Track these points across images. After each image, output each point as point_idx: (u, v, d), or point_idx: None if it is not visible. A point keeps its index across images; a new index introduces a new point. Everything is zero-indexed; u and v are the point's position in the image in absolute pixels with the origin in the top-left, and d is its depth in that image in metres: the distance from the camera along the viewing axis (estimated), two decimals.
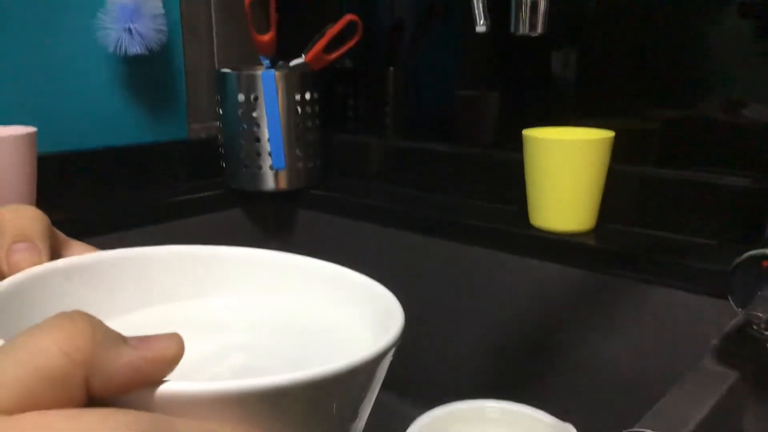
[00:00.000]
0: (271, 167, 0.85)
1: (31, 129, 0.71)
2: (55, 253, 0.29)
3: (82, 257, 0.29)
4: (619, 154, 0.65)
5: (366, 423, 0.27)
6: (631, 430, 0.40)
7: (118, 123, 0.89)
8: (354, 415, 0.25)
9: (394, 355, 0.25)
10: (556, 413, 0.55)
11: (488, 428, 0.56)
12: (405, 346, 0.25)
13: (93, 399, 0.19)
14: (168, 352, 0.20)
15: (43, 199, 0.72)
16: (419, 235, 0.76)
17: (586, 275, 0.63)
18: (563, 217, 0.65)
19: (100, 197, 0.83)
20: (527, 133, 0.66)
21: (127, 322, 0.29)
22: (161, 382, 0.20)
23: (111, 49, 0.84)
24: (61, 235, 0.31)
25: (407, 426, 0.54)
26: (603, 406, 0.62)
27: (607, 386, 0.62)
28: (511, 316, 0.69)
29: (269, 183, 0.86)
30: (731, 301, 0.46)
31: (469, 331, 0.72)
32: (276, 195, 0.87)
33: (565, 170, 0.63)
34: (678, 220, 0.64)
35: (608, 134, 0.64)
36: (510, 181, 0.73)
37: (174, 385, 0.20)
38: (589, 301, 0.63)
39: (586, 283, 0.63)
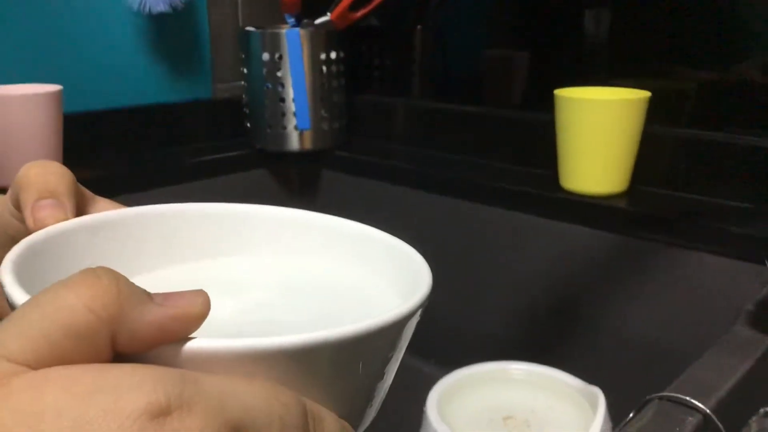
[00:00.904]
0: (296, 127, 0.84)
1: (56, 87, 0.71)
2: (80, 210, 0.29)
3: (107, 213, 0.29)
4: (653, 115, 0.63)
5: (391, 383, 0.27)
6: (661, 394, 0.39)
7: (142, 82, 0.89)
8: (380, 374, 0.25)
9: (421, 316, 0.25)
10: (584, 377, 0.54)
11: (513, 389, 0.56)
12: (431, 307, 0.25)
13: (119, 355, 0.19)
14: (194, 309, 0.20)
15: (69, 158, 0.72)
16: (446, 197, 0.75)
17: (618, 239, 0.62)
18: (595, 180, 0.64)
19: (125, 156, 0.83)
20: (559, 93, 0.64)
21: (153, 279, 0.29)
22: (187, 339, 0.20)
23: (135, 8, 0.83)
24: (86, 191, 0.31)
25: (432, 386, 0.54)
26: (632, 371, 0.61)
27: (637, 351, 0.61)
28: (539, 279, 0.68)
29: (294, 143, 0.85)
30: None
31: (496, 293, 0.72)
32: (300, 155, 0.87)
33: (598, 131, 0.62)
34: (713, 183, 0.62)
35: (644, 94, 0.62)
36: (540, 143, 0.72)
37: (200, 342, 0.20)
38: (620, 265, 0.62)
39: (617, 247, 0.62)
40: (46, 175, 0.29)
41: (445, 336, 0.75)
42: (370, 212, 0.33)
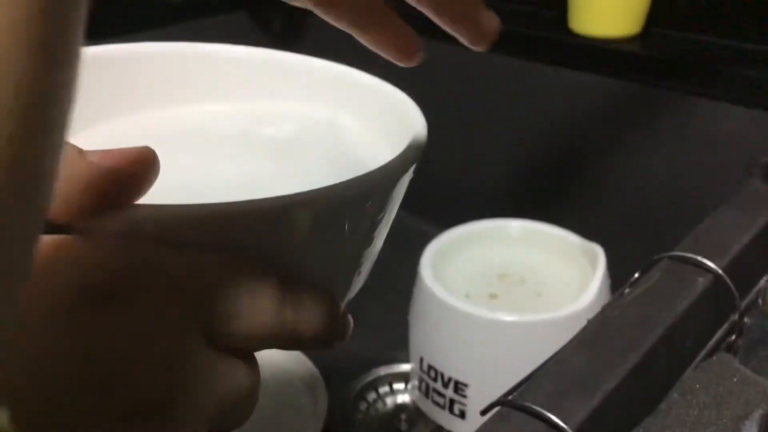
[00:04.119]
0: None
1: None
2: None
3: None
4: None
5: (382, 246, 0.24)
6: (670, 254, 0.37)
7: None
8: (368, 239, 0.22)
9: (414, 173, 0.22)
10: (586, 235, 0.52)
11: (510, 247, 0.55)
12: (425, 161, 0.22)
13: (54, 227, 0.16)
14: (137, 168, 0.17)
15: None
16: (441, 41, 0.69)
17: (627, 86, 0.58)
18: (606, 21, 0.59)
19: None
20: None
21: (102, 133, 0.25)
22: (135, 204, 0.17)
23: None
24: None
25: (426, 245, 0.52)
26: (637, 229, 0.60)
27: (644, 208, 0.59)
28: (542, 131, 0.65)
29: None
30: None
31: (495, 147, 0.69)
32: None
33: None
34: (736, 23, 0.58)
35: None
36: None
37: (150, 206, 0.17)
38: (628, 115, 0.59)
39: (626, 96, 0.59)
40: None
41: (440, 192, 0.73)
42: (361, 61, 0.29)
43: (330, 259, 0.21)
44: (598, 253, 0.50)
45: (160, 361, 0.16)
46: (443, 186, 0.73)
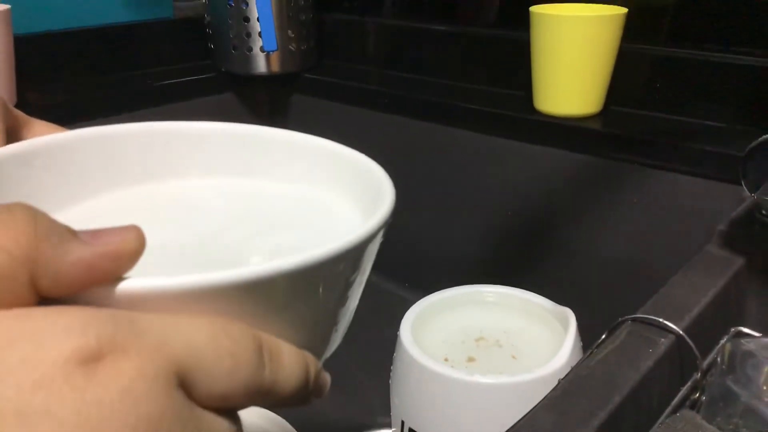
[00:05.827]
0: (262, 49, 0.80)
1: (3, 6, 0.66)
2: (14, 136, 0.27)
3: (45, 138, 0.27)
4: (629, 32, 0.61)
5: (363, 308, 0.26)
6: (633, 316, 0.39)
7: (98, 1, 0.83)
8: (343, 300, 0.24)
9: (393, 242, 0.24)
10: (557, 299, 0.54)
11: (486, 312, 0.56)
12: (403, 232, 0.24)
13: (46, 302, 0.17)
14: (125, 246, 0.18)
15: (22, 84, 0.68)
16: (418, 120, 0.73)
17: (590, 160, 0.61)
18: (569, 100, 0.62)
19: (81, 81, 0.78)
20: (535, 9, 0.62)
21: (97, 206, 0.27)
22: (120, 279, 0.18)
23: None
24: (20, 114, 0.28)
25: (405, 311, 0.53)
26: (604, 293, 0.61)
27: (610, 273, 0.61)
28: (511, 202, 0.68)
29: (260, 66, 0.82)
30: (744, 185, 0.44)
31: (468, 217, 0.71)
32: (268, 79, 0.84)
33: (573, 48, 0.59)
34: (690, 102, 0.61)
35: (620, 11, 0.60)
36: (515, 63, 0.69)
37: (135, 281, 0.18)
38: (592, 187, 0.61)
39: (589, 169, 0.61)
40: None
41: (419, 260, 0.74)
42: (341, 136, 0.32)
43: (306, 319, 0.22)
44: (569, 316, 0.51)
45: (147, 420, 0.16)
46: (421, 255, 0.74)
